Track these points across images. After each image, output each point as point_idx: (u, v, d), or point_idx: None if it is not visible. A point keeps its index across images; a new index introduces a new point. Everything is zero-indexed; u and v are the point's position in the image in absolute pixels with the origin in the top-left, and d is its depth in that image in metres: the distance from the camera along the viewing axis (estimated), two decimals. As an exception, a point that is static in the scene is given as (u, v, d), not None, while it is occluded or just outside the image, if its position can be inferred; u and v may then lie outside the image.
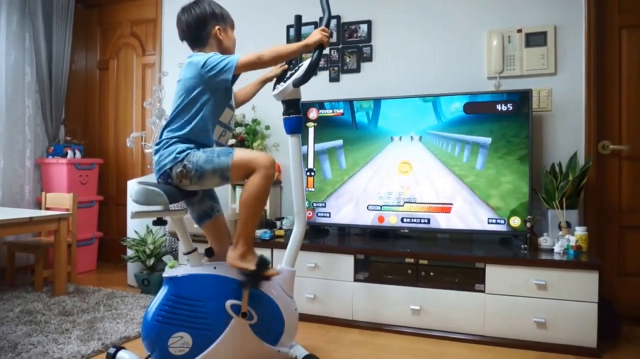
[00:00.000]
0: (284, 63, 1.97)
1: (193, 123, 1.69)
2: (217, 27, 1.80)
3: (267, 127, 3.26)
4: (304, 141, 2.84)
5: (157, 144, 1.73)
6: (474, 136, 2.59)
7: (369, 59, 3.09)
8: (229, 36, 1.85)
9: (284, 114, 1.91)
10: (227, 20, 1.86)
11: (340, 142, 2.86)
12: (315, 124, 2.93)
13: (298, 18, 2.02)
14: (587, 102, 2.62)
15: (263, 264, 1.68)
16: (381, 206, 2.77)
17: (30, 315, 2.55)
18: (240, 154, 1.68)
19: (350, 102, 2.86)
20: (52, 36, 3.75)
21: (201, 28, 1.79)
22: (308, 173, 2.93)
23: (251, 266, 1.66)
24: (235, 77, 1.68)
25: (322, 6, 1.84)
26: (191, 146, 1.69)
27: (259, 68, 1.74)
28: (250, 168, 1.66)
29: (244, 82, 2.09)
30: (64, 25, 3.82)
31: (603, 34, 2.65)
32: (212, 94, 1.72)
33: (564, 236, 2.36)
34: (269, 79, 2.05)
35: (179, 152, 1.67)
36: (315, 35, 1.73)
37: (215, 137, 1.80)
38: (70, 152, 3.70)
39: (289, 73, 1.91)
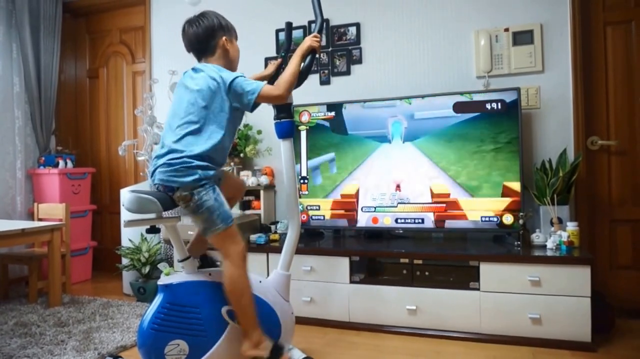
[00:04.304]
0: (278, 58, 1.99)
1: (217, 141, 1.69)
2: (224, 38, 1.81)
3: (259, 132, 3.26)
4: (297, 144, 2.85)
5: (175, 157, 1.66)
6: (464, 135, 2.61)
7: (359, 61, 3.11)
8: (234, 46, 1.87)
9: (275, 119, 1.92)
10: (232, 31, 1.88)
11: (332, 155, 2.87)
12: (307, 127, 2.94)
13: (289, 25, 2.04)
14: (574, 98, 2.65)
15: (277, 351, 1.68)
16: (375, 207, 2.79)
17: (25, 327, 2.53)
18: (230, 232, 1.69)
19: (340, 105, 2.87)
20: (40, 46, 3.73)
21: (209, 39, 1.80)
22: (301, 181, 2.93)
23: (265, 353, 1.66)
24: (256, 104, 1.70)
25: (315, 12, 1.86)
26: (210, 175, 1.67)
27: (277, 103, 1.81)
28: (225, 248, 1.68)
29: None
30: (52, 35, 3.81)
31: (588, 31, 2.69)
32: (233, 113, 1.74)
33: (556, 231, 2.39)
34: (264, 78, 2.05)
35: (196, 181, 1.64)
36: (305, 43, 1.80)
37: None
38: (61, 162, 3.68)
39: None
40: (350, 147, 2.85)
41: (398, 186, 2.74)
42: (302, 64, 1.80)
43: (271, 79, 1.97)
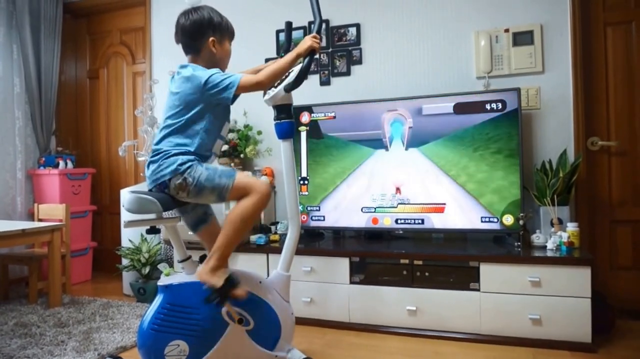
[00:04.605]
0: (278, 58, 1.98)
1: (197, 140, 1.69)
2: (211, 39, 1.77)
3: (260, 133, 3.26)
4: (297, 145, 2.85)
5: (155, 153, 1.70)
6: (464, 136, 2.61)
7: (359, 62, 3.11)
8: (224, 48, 1.82)
9: (275, 119, 1.91)
10: (225, 31, 1.82)
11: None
12: (307, 128, 2.94)
13: (288, 24, 2.04)
14: (575, 99, 2.65)
15: (231, 282, 1.62)
16: (375, 208, 2.79)
17: (25, 328, 2.53)
18: (241, 178, 1.68)
19: (340, 105, 2.87)
20: (40, 47, 3.73)
21: (195, 36, 1.76)
22: (301, 181, 2.93)
23: (219, 282, 1.60)
24: (235, 96, 1.68)
25: (314, 12, 1.85)
26: (192, 158, 1.68)
27: (257, 90, 1.77)
28: (247, 193, 1.66)
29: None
30: (52, 36, 3.81)
31: (588, 32, 2.69)
32: (213, 110, 1.72)
33: (556, 232, 2.39)
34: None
35: (181, 164, 1.65)
36: (306, 43, 1.76)
37: (214, 150, 1.82)
38: (62, 163, 3.68)
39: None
40: (349, 147, 2.84)
41: (398, 187, 2.74)
42: (302, 64, 1.79)
43: None
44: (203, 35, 1.76)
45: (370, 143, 2.80)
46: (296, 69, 1.80)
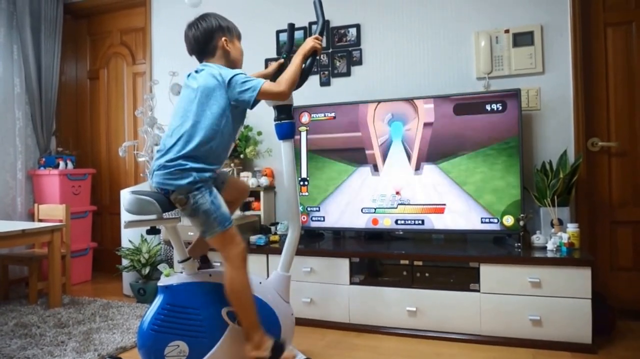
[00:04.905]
0: (280, 59, 1.99)
1: (213, 140, 1.68)
2: (223, 39, 1.81)
3: (260, 133, 3.26)
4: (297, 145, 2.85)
5: (170, 160, 1.66)
6: (464, 136, 2.61)
7: (359, 62, 3.11)
8: (235, 47, 1.86)
9: (275, 120, 1.92)
10: (234, 32, 1.87)
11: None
12: (307, 128, 2.94)
13: (291, 26, 2.04)
14: (575, 100, 2.65)
15: (277, 349, 1.68)
16: (375, 209, 2.79)
17: (25, 328, 2.53)
18: (230, 234, 1.68)
19: (340, 106, 2.88)
20: (41, 47, 3.74)
21: (208, 41, 1.80)
22: (301, 182, 2.93)
23: (266, 353, 1.66)
24: (256, 101, 1.70)
25: (317, 14, 1.86)
26: (206, 177, 1.67)
27: (278, 100, 1.79)
28: (224, 250, 1.68)
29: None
30: (53, 37, 3.81)
31: (589, 32, 2.69)
32: (232, 111, 1.73)
33: (557, 233, 2.39)
34: (265, 76, 2.05)
35: (191, 184, 1.64)
36: (308, 44, 1.80)
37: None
38: (62, 163, 3.68)
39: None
40: (349, 147, 2.84)
41: (398, 187, 2.74)
42: (304, 65, 1.80)
43: (272, 78, 1.97)
44: (214, 38, 1.80)
45: (369, 144, 2.80)
46: None
